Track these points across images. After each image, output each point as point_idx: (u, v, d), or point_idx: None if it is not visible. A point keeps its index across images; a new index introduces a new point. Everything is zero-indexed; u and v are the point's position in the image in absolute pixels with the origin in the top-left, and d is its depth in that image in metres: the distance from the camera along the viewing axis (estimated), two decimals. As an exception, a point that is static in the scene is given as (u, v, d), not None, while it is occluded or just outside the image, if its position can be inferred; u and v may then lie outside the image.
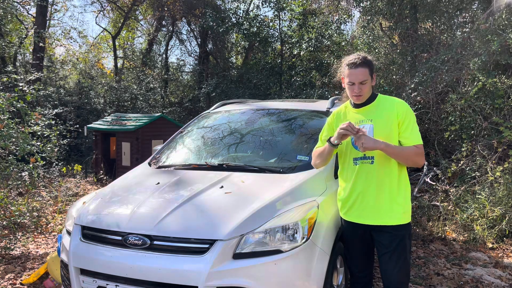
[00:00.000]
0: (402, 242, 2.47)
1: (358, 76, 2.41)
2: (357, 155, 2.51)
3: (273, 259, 2.28)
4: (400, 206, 2.46)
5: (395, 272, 2.47)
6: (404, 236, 2.47)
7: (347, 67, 2.46)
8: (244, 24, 11.12)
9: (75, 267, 2.55)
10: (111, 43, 18.75)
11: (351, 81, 2.45)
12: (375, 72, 2.56)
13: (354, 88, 2.45)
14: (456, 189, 5.64)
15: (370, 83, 2.48)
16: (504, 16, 5.97)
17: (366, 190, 2.48)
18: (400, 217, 2.46)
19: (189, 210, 2.50)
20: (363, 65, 2.42)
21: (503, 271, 4.10)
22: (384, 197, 2.45)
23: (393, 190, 2.46)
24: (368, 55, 2.54)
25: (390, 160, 2.45)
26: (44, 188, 6.93)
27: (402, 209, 2.46)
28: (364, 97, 2.49)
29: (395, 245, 2.46)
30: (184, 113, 15.02)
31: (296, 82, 10.58)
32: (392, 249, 2.47)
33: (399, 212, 2.45)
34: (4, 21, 12.45)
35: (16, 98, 4.97)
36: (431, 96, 6.73)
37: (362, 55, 2.49)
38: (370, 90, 2.50)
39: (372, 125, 2.47)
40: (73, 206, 3.06)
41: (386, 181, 2.45)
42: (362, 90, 2.45)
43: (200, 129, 3.93)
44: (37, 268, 4.15)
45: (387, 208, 2.45)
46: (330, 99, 3.91)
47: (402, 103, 2.50)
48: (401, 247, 2.47)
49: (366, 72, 2.43)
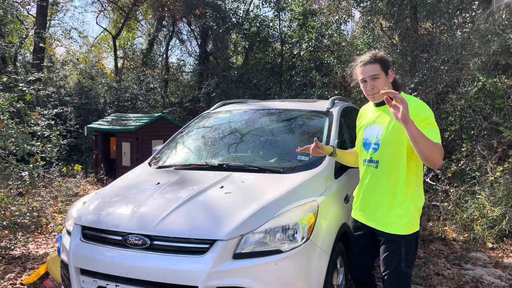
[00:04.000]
0: (397, 251, 2.37)
1: (369, 71, 2.38)
2: (366, 157, 2.50)
3: (273, 259, 2.28)
4: (402, 216, 2.35)
5: (387, 279, 2.41)
6: (400, 245, 2.36)
7: (358, 66, 2.45)
8: (244, 24, 11.13)
9: (75, 267, 2.55)
10: (112, 43, 18.77)
11: (362, 78, 2.41)
12: (391, 69, 2.46)
13: (366, 85, 2.41)
14: (456, 189, 5.64)
15: (385, 79, 2.39)
16: (504, 16, 5.96)
17: (368, 192, 2.48)
18: (399, 227, 2.36)
19: (189, 210, 2.50)
20: (373, 62, 2.39)
21: (503, 271, 4.10)
22: (384, 203, 2.40)
23: (396, 199, 2.37)
24: (378, 52, 2.49)
25: (398, 169, 2.36)
26: (44, 188, 6.94)
27: (404, 219, 2.35)
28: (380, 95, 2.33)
29: (389, 253, 2.40)
30: (184, 113, 15.02)
31: (296, 82, 10.58)
32: (386, 256, 2.42)
33: (398, 222, 2.36)
34: (5, 21, 12.46)
35: (16, 98, 4.97)
36: (431, 96, 6.73)
37: (373, 52, 2.45)
38: (387, 87, 2.36)
39: (381, 128, 2.40)
40: (73, 206, 3.06)
41: (388, 188, 2.38)
42: (376, 87, 2.37)
43: (200, 129, 3.93)
44: (37, 268, 4.15)
45: (386, 215, 2.40)
46: (330, 99, 3.92)
47: (416, 104, 2.30)
48: (395, 255, 2.38)
49: (377, 67, 2.37)
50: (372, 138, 2.45)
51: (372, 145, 2.44)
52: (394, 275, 2.38)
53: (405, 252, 2.37)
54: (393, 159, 2.37)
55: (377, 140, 2.41)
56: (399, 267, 2.37)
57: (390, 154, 2.37)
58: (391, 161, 2.37)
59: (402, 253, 2.37)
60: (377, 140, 2.41)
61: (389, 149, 2.37)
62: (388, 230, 2.39)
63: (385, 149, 2.39)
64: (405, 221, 2.36)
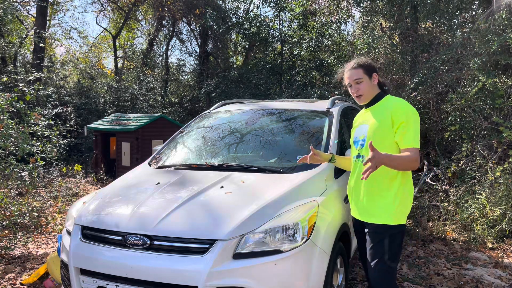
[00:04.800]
0: (381, 242, 2.43)
1: (352, 76, 2.58)
2: (355, 153, 2.66)
3: (273, 259, 2.28)
4: (388, 206, 2.42)
5: (372, 272, 2.46)
6: (383, 236, 2.43)
7: (345, 72, 2.66)
8: (244, 24, 11.12)
9: (75, 267, 2.55)
10: (112, 43, 18.78)
11: (348, 82, 2.62)
12: (376, 72, 2.61)
13: (352, 89, 2.61)
14: (456, 189, 5.64)
15: (369, 82, 2.58)
16: (504, 16, 5.96)
17: (357, 186, 2.59)
18: (384, 217, 2.42)
19: (189, 210, 2.50)
20: (356, 67, 2.59)
21: (503, 271, 4.10)
22: (371, 195, 2.49)
23: (383, 190, 2.46)
24: (363, 58, 2.68)
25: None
26: (44, 188, 6.94)
27: (390, 209, 2.42)
28: (365, 96, 2.59)
29: (374, 244, 2.46)
30: (184, 113, 15.03)
31: (296, 82, 10.57)
32: (370, 248, 2.48)
33: (384, 212, 2.43)
34: (5, 21, 12.46)
35: (16, 98, 4.97)
36: (431, 96, 6.73)
37: (357, 59, 2.66)
38: (371, 89, 2.58)
39: (367, 125, 2.55)
40: (73, 206, 3.06)
41: (374, 180, 2.46)
42: (360, 90, 2.56)
43: (200, 129, 3.93)
44: (37, 268, 4.15)
45: (372, 206, 2.48)
46: (330, 99, 3.92)
47: (400, 104, 2.47)
48: (378, 247, 2.43)
49: (360, 72, 2.57)
50: (360, 136, 2.61)
51: (360, 141, 2.60)
52: (378, 267, 2.43)
53: (388, 244, 2.42)
54: None
55: (364, 136, 2.56)
56: (383, 259, 2.42)
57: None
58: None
59: (385, 244, 2.42)
60: (364, 136, 2.57)
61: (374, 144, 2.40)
62: (372, 220, 2.48)
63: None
64: (389, 211, 2.43)
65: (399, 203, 2.44)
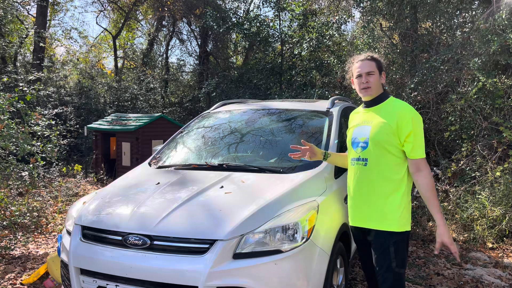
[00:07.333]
0: (386, 251, 2.39)
1: (365, 67, 2.51)
2: (354, 155, 2.55)
3: (273, 259, 2.28)
4: (392, 212, 2.38)
5: (380, 280, 2.42)
6: (388, 245, 2.38)
7: (355, 63, 2.57)
8: (244, 24, 11.11)
9: (75, 267, 2.55)
10: (112, 43, 18.78)
11: (358, 72, 2.52)
12: (384, 71, 2.58)
13: (361, 79, 2.51)
14: (456, 189, 5.64)
15: (378, 78, 2.52)
16: (504, 16, 5.96)
17: (358, 191, 2.51)
18: (388, 224, 2.38)
19: (189, 210, 2.50)
20: (370, 60, 2.53)
21: (503, 271, 4.10)
22: (374, 200, 2.42)
23: (385, 195, 2.40)
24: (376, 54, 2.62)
25: (388, 166, 2.40)
26: (44, 188, 6.93)
27: (393, 216, 2.38)
28: (372, 90, 2.49)
29: (379, 253, 2.42)
30: (184, 113, 15.03)
31: (296, 82, 10.57)
32: (376, 257, 2.43)
33: (388, 218, 2.38)
34: (5, 21, 12.46)
35: (16, 98, 4.97)
36: (431, 96, 6.73)
37: (370, 54, 2.59)
38: (378, 86, 2.52)
39: (369, 126, 2.47)
40: (73, 206, 3.06)
41: (379, 185, 2.41)
42: (370, 82, 2.48)
43: (200, 129, 3.93)
44: (37, 268, 4.15)
45: (375, 212, 2.42)
46: (330, 99, 3.92)
47: (406, 110, 2.41)
48: (385, 255, 2.39)
49: (373, 65, 2.51)
50: (361, 137, 2.51)
51: (361, 143, 2.50)
52: (386, 275, 2.39)
53: (394, 251, 2.38)
54: (382, 157, 2.41)
55: (366, 138, 2.47)
56: (391, 267, 2.38)
57: (378, 152, 2.41)
58: (380, 159, 2.41)
59: (391, 252, 2.38)
60: (365, 138, 2.47)
61: (378, 147, 2.41)
62: (376, 227, 2.42)
63: (374, 147, 2.43)
64: (395, 217, 2.38)
65: (404, 210, 2.40)
